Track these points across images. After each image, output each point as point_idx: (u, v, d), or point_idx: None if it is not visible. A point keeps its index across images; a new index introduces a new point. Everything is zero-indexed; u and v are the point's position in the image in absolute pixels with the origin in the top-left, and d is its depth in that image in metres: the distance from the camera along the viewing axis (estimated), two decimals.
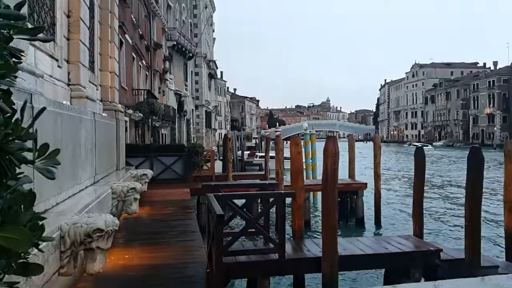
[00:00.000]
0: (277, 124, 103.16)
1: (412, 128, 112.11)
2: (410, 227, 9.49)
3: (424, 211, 9.18)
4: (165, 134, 28.80)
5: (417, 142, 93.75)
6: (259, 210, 11.70)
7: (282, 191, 9.23)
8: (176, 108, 31.72)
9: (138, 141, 20.16)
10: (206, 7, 48.96)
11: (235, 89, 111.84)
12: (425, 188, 9.26)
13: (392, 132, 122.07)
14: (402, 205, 19.00)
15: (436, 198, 21.42)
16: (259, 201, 13.13)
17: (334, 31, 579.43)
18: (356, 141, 22.61)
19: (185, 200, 10.43)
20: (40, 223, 1.26)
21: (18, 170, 1.25)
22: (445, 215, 17.33)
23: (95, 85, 9.21)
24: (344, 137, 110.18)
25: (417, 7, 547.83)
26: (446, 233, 14.18)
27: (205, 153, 15.88)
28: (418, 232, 8.47)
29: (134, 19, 20.00)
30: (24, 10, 3.81)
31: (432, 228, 14.40)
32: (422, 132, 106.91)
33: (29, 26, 1.33)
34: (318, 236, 10.78)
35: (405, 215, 16.28)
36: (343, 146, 13.66)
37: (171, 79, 31.62)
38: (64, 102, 6.07)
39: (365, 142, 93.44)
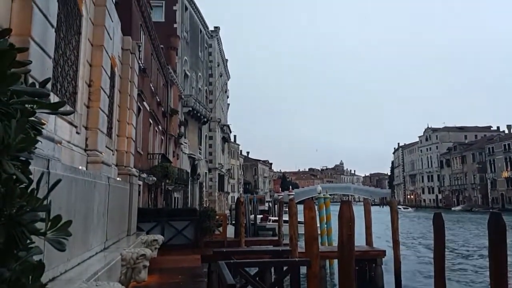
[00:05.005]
0: (290, 187, 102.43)
1: (429, 192, 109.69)
2: None
3: (447, 279, 8.71)
4: (177, 197, 28.75)
5: (401, 205, 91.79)
6: (273, 278, 11.24)
7: (297, 259, 8.93)
8: (189, 171, 31.99)
9: (151, 205, 20.11)
10: (221, 76, 51.18)
11: (248, 152, 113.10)
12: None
13: (408, 196, 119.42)
14: (422, 270, 18.14)
15: (458, 264, 20.41)
16: (272, 268, 12.67)
17: (344, 95, 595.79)
18: (372, 205, 22.17)
19: (196, 267, 10.13)
20: None
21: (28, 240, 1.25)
22: (470, 282, 16.38)
23: (112, 150, 9.43)
24: (359, 201, 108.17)
25: (426, 73, 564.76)
26: None
27: (217, 217, 15.69)
28: None
29: (152, 88, 20.92)
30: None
31: None
32: (440, 197, 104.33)
33: (52, 95, 1.40)
34: None
35: (427, 282, 15.42)
36: (358, 210, 13.38)
37: (185, 143, 32.26)
38: (80, 167, 6.19)
39: (381, 206, 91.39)
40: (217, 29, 50.01)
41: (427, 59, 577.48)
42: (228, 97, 66.07)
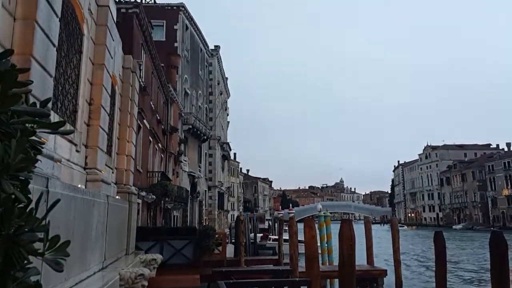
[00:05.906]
0: (291, 205, 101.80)
1: (430, 211, 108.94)
2: None
3: None
4: (177, 216, 28.55)
5: (399, 223, 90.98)
6: None
7: (297, 278, 8.82)
8: (189, 189, 31.85)
9: (150, 223, 19.95)
10: (221, 94, 51.53)
11: (248, 170, 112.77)
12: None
13: (409, 215, 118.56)
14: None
15: (460, 283, 20.16)
16: None
17: (343, 112, 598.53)
18: (373, 223, 22.02)
19: (195, 287, 9.98)
20: None
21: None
22: None
23: (111, 168, 9.41)
24: (360, 219, 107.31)
25: (425, 91, 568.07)
26: None
27: (216, 235, 15.55)
28: None
29: (153, 106, 21.02)
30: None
31: None
32: (441, 215, 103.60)
33: (52, 114, 1.40)
34: None
35: None
36: (359, 229, 13.26)
37: (185, 160, 32.22)
38: (79, 185, 6.17)
39: (382, 224, 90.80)
40: (217, 48, 50.62)
41: (426, 77, 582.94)
42: (228, 115, 66.35)
